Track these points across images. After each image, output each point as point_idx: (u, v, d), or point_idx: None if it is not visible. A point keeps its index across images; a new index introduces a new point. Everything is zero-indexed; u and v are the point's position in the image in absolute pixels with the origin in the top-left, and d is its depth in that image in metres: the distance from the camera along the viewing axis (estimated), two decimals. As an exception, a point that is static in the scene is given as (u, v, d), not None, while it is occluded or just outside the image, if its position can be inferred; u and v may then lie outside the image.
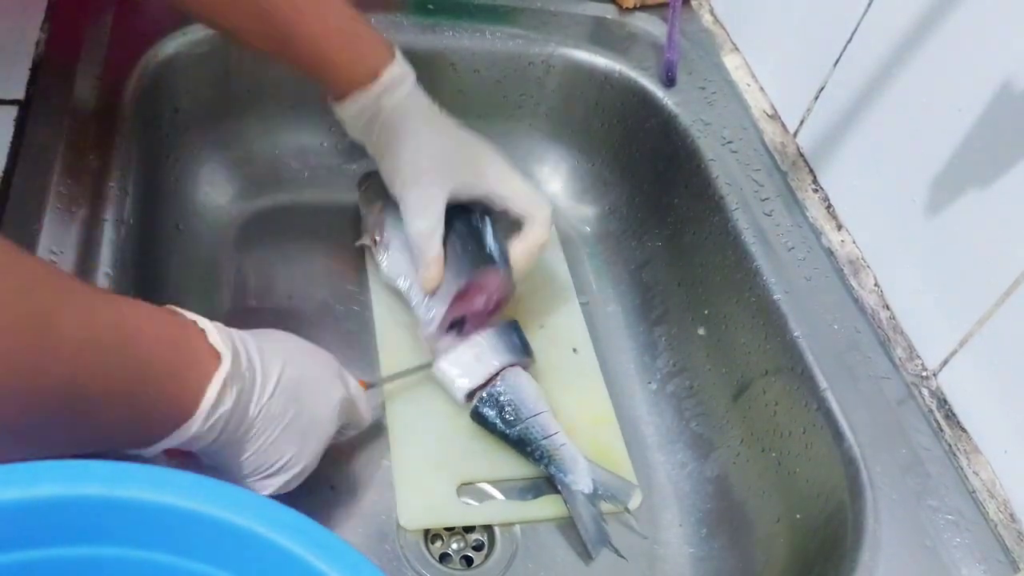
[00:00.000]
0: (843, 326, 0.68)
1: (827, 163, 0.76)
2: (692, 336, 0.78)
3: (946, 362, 0.65)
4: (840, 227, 0.74)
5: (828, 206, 0.76)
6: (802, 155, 0.79)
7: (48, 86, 0.67)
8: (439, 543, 0.67)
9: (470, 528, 0.68)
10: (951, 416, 0.64)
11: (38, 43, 0.70)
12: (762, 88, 0.85)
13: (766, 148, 0.80)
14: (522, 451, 0.69)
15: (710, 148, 0.79)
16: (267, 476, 0.54)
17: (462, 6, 0.86)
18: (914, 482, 0.60)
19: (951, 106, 0.63)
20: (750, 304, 0.72)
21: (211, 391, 0.47)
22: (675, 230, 0.82)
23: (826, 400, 0.64)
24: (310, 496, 0.65)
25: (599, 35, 0.88)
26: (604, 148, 0.89)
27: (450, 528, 0.67)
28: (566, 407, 0.73)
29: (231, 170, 0.83)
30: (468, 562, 0.66)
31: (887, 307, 0.70)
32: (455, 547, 0.67)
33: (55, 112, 0.66)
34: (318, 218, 0.83)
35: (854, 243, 0.73)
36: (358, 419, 0.63)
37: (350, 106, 0.66)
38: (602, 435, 0.74)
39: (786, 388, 0.67)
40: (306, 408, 0.54)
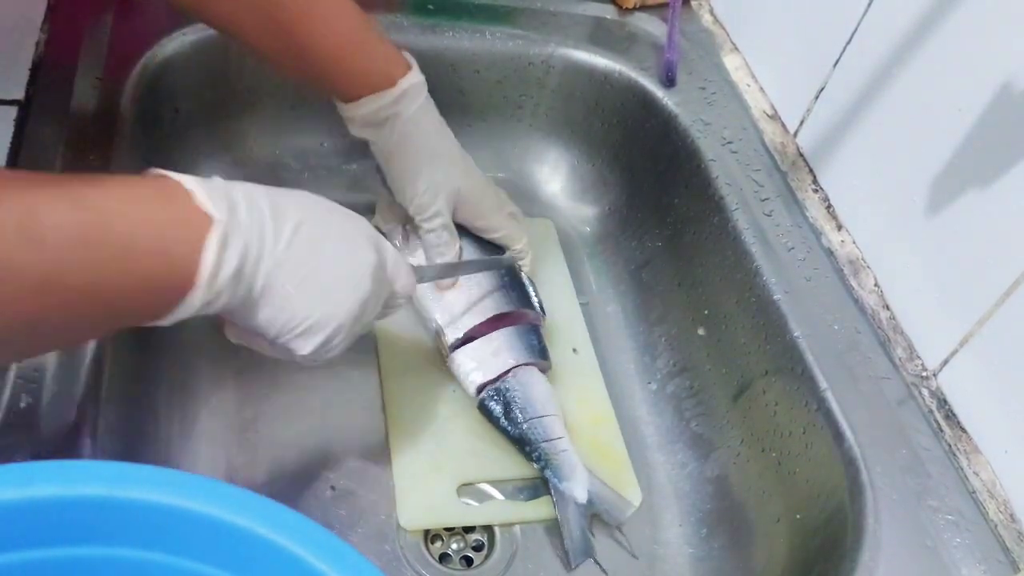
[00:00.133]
0: (843, 326, 0.68)
1: (827, 163, 0.76)
2: (692, 336, 0.78)
3: (946, 362, 0.65)
4: (840, 227, 0.74)
5: (828, 206, 0.76)
6: (802, 155, 0.79)
7: (48, 86, 0.67)
8: (439, 543, 0.67)
9: (470, 528, 0.68)
10: (951, 416, 0.64)
11: (38, 43, 0.70)
12: (762, 88, 0.85)
13: (766, 148, 0.80)
14: (521, 450, 0.69)
15: (710, 148, 0.79)
16: (298, 336, 0.52)
17: (462, 6, 0.86)
18: (914, 482, 0.60)
19: (951, 106, 0.63)
20: (750, 304, 0.72)
21: (207, 257, 0.45)
22: (675, 230, 0.82)
23: (826, 400, 0.64)
24: (310, 496, 0.65)
25: (599, 35, 0.88)
26: (604, 148, 0.89)
27: (450, 528, 0.67)
28: (566, 407, 0.73)
29: (231, 170, 0.82)
30: (468, 562, 0.66)
31: (887, 307, 0.70)
32: (455, 547, 0.67)
33: (55, 112, 0.66)
34: (318, 218, 0.83)
35: (854, 243, 0.73)
36: (401, 289, 0.59)
37: (367, 104, 0.66)
38: (602, 435, 0.74)
39: (786, 388, 0.67)
40: (327, 265, 0.52)
